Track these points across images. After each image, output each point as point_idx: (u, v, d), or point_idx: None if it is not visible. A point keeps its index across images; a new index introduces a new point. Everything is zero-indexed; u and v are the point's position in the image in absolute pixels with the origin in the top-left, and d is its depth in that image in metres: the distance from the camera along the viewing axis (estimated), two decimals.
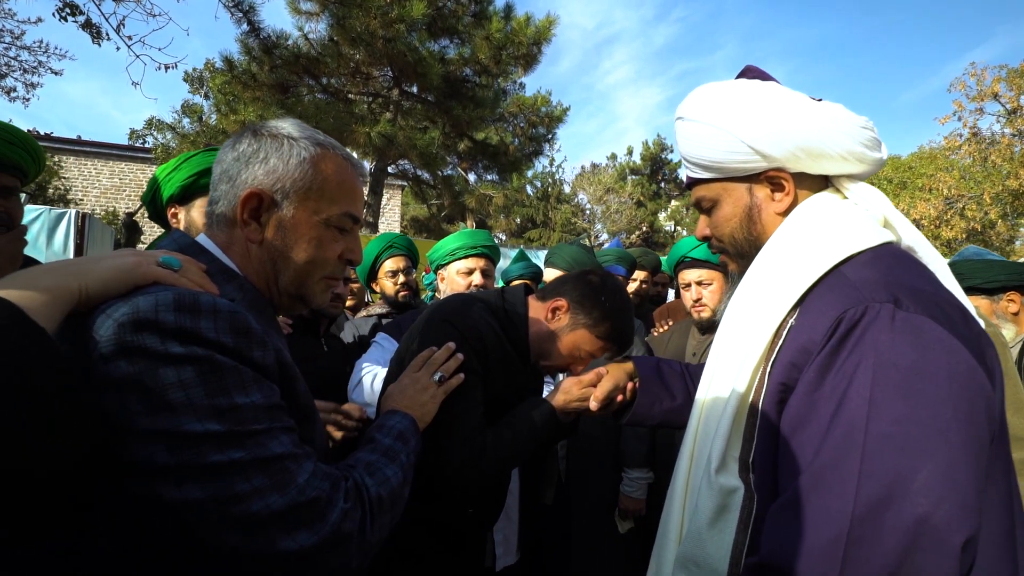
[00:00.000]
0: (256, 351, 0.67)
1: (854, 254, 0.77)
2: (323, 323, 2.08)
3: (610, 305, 1.34)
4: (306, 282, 0.82)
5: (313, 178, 0.79)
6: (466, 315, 1.30)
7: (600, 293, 1.35)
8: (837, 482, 0.62)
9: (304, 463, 0.68)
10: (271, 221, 0.79)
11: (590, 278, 1.39)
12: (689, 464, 0.87)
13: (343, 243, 0.84)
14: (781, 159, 0.84)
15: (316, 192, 0.80)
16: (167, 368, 0.59)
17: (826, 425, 0.65)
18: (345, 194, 0.83)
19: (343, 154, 0.84)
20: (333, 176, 0.81)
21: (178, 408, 0.59)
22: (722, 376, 0.85)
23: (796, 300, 0.78)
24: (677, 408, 1.24)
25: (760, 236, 0.90)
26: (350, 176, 0.84)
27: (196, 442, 0.60)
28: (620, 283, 1.42)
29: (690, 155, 0.93)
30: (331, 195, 0.81)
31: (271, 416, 0.66)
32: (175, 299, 0.62)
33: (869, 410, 0.61)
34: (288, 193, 0.79)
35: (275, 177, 0.78)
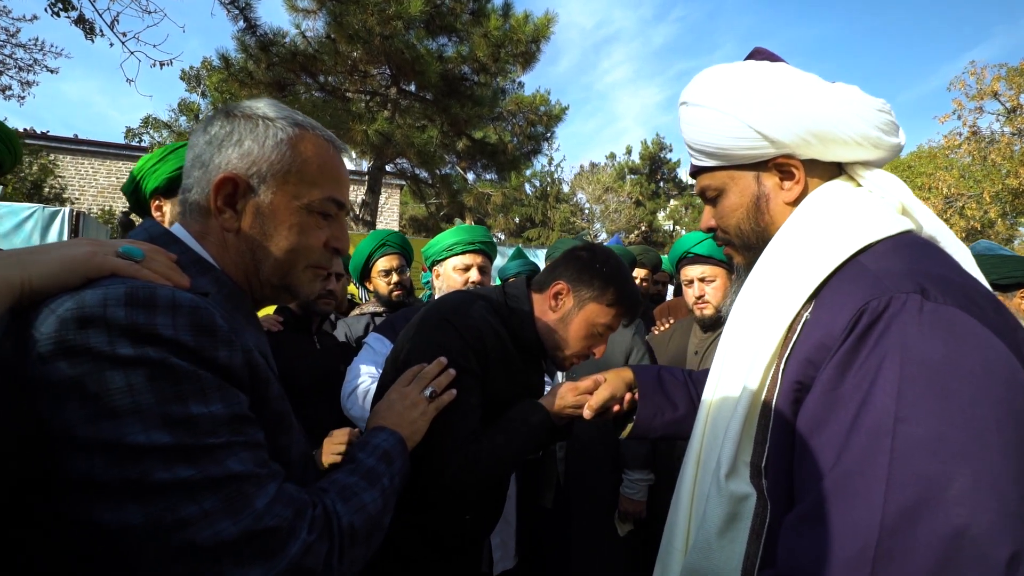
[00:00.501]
0: (221, 351, 0.60)
1: (873, 243, 0.72)
2: (315, 321, 2.03)
3: (607, 270, 1.31)
4: (290, 272, 0.77)
5: (292, 160, 0.74)
6: (466, 313, 1.25)
7: (594, 262, 1.32)
8: (863, 490, 0.56)
9: (266, 485, 0.60)
10: (248, 208, 0.73)
11: (579, 254, 1.35)
12: (695, 469, 0.81)
13: (328, 230, 0.79)
14: (790, 145, 0.79)
15: (295, 175, 0.74)
16: (114, 371, 0.53)
17: (847, 427, 0.60)
18: (328, 177, 0.77)
19: (324, 135, 0.78)
20: (314, 158, 0.76)
21: (123, 416, 0.52)
22: (731, 375, 0.80)
23: (811, 292, 0.73)
24: (680, 419, 1.19)
25: (768, 227, 0.86)
26: (332, 158, 0.78)
27: (139, 456, 0.52)
28: (608, 248, 1.39)
29: (694, 142, 0.88)
30: (312, 178, 0.75)
31: (232, 428, 0.59)
32: (127, 292, 0.56)
33: (897, 410, 0.56)
34: (265, 177, 0.73)
35: (250, 160, 0.72)
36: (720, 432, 0.76)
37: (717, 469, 0.73)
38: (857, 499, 0.57)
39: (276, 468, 0.64)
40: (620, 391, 1.26)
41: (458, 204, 11.09)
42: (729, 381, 0.80)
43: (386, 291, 2.46)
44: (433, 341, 1.20)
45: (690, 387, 1.26)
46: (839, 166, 0.85)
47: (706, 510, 0.72)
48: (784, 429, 0.68)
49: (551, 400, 1.29)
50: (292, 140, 0.74)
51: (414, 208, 18.75)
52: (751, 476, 0.70)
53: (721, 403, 0.80)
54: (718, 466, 0.73)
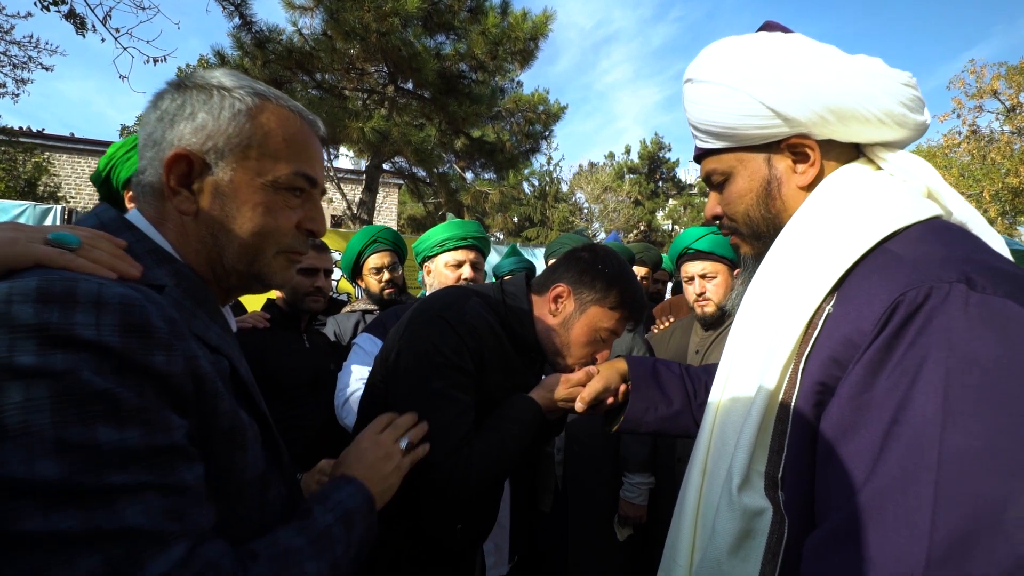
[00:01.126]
0: (156, 355, 0.51)
1: (900, 229, 0.65)
2: (304, 318, 1.96)
3: (610, 271, 1.23)
4: (258, 257, 0.70)
5: (252, 133, 0.67)
6: (460, 309, 1.18)
7: (596, 263, 1.24)
8: (903, 511, 0.49)
9: (171, 547, 0.48)
10: (205, 188, 0.66)
11: (580, 255, 1.28)
12: (701, 478, 0.74)
13: (301, 210, 0.72)
14: (805, 123, 0.72)
15: (257, 149, 0.67)
16: (12, 382, 0.43)
17: (881, 435, 0.53)
18: (295, 150, 0.70)
19: (290, 105, 0.71)
20: (277, 129, 0.69)
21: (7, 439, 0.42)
22: (742, 376, 0.73)
23: (833, 284, 0.65)
24: (673, 415, 1.12)
25: (780, 214, 0.79)
26: (300, 130, 0.71)
27: (13, 495, 0.42)
28: (611, 248, 1.31)
29: (700, 121, 0.81)
30: (276, 152, 0.68)
31: (148, 465, 0.48)
32: (39, 286, 0.47)
33: (944, 418, 0.49)
34: (223, 152, 0.66)
35: (205, 134, 0.65)
36: (730, 439, 0.69)
37: (728, 480, 0.65)
38: (897, 522, 0.49)
39: (197, 523, 0.51)
40: (614, 382, 1.20)
41: (456, 203, 11.01)
42: (740, 382, 0.73)
43: (378, 289, 2.39)
44: (425, 338, 1.14)
45: (686, 382, 1.19)
46: (857, 148, 0.78)
47: (715, 525, 0.65)
48: (804, 436, 0.61)
49: (542, 393, 1.22)
50: (252, 111, 0.67)
51: (412, 207, 18.67)
52: (766, 488, 0.63)
53: (731, 407, 0.73)
54: (729, 477, 0.65)
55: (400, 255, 2.50)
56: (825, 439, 0.59)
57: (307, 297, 1.91)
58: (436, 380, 1.11)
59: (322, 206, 0.75)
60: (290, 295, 1.93)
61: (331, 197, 17.14)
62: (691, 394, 1.15)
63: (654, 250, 3.57)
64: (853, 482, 0.54)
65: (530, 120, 11.09)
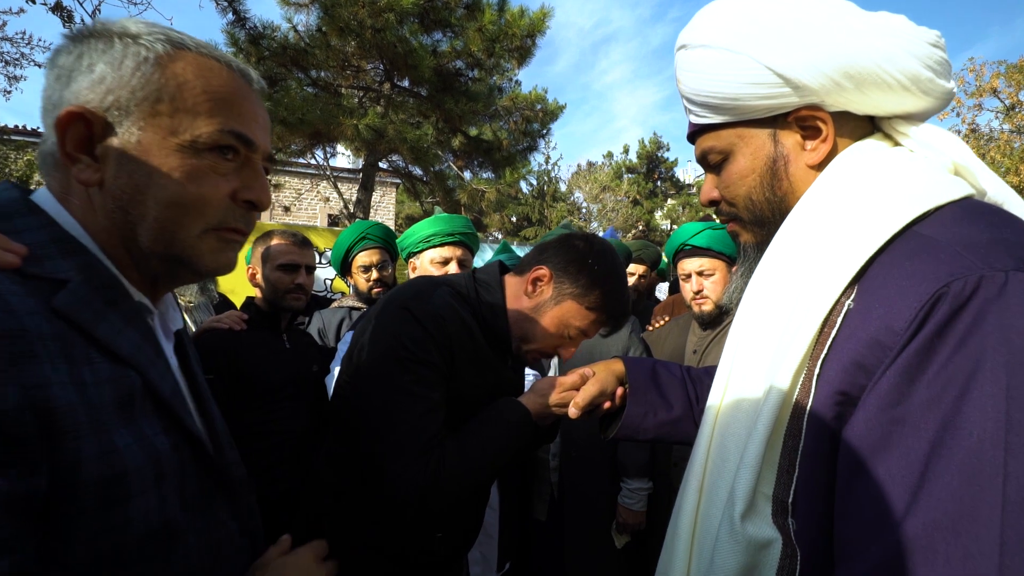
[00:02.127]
0: None
1: (930, 210, 0.56)
2: (284, 318, 1.87)
3: (599, 269, 1.13)
4: (178, 236, 0.58)
5: (162, 85, 0.56)
6: (426, 299, 1.08)
7: (587, 256, 1.14)
8: (960, 555, 0.40)
9: None
10: (110, 152, 0.56)
11: (574, 242, 1.17)
12: (697, 498, 0.65)
13: (235, 178, 0.60)
14: (817, 90, 0.63)
15: (169, 104, 0.57)
16: None
17: (922, 459, 0.44)
18: (220, 105, 0.59)
19: (215, 54, 0.61)
20: (195, 80, 0.58)
21: None
22: (745, 383, 0.63)
23: (854, 274, 0.56)
24: (674, 420, 1.03)
25: (787, 196, 0.70)
26: (226, 81, 0.60)
27: None
28: (609, 245, 1.20)
29: (695, 92, 0.72)
30: (194, 106, 0.58)
31: None
32: None
33: (1007, 438, 0.39)
34: (127, 109, 0.55)
35: (104, 89, 0.55)
36: (732, 456, 0.60)
37: (729, 505, 0.56)
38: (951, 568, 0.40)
39: None
40: (610, 386, 1.10)
41: (453, 202, 10.91)
42: (742, 390, 0.63)
43: (365, 288, 2.30)
44: (388, 331, 1.05)
45: (688, 385, 1.10)
46: (872, 122, 0.69)
47: (714, 559, 0.56)
48: (820, 454, 0.52)
49: (532, 398, 1.13)
50: (162, 59, 0.57)
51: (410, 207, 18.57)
52: (773, 514, 0.54)
53: (731, 418, 0.63)
54: (731, 501, 0.56)
55: (391, 252, 2.41)
56: (848, 459, 0.49)
57: (287, 295, 1.81)
58: (400, 376, 1.02)
59: (263, 174, 0.64)
60: (269, 292, 1.83)
61: (327, 196, 17.06)
62: (693, 398, 1.06)
63: (653, 248, 3.48)
64: (889, 514, 0.44)
65: (528, 118, 11.00)
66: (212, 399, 0.73)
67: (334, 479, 1.16)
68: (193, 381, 0.70)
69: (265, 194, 0.64)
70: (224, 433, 0.71)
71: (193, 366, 0.71)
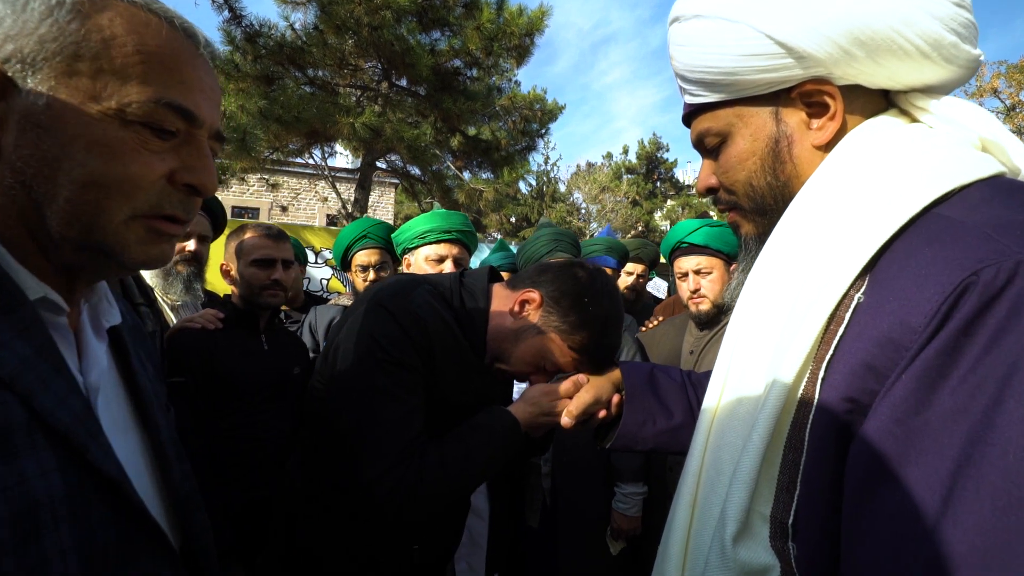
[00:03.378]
0: None
1: (954, 189, 0.49)
2: (263, 316, 1.79)
3: (594, 311, 1.05)
4: (98, 222, 0.48)
5: (83, 38, 0.46)
6: (405, 298, 1.02)
7: (585, 293, 1.05)
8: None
9: None
10: (10, 114, 0.46)
11: (576, 272, 1.09)
12: (689, 518, 0.58)
13: (172, 156, 0.51)
14: (824, 60, 0.56)
15: (91, 62, 0.46)
16: None
17: (947, 478, 0.37)
18: (157, 69, 0.49)
19: (150, 6, 0.50)
20: (125, 36, 0.47)
21: None
22: (741, 388, 0.56)
23: (864, 264, 0.49)
24: (673, 429, 0.96)
25: (791, 180, 0.63)
26: (165, 39, 0.50)
27: None
28: (613, 286, 1.12)
29: (689, 68, 0.65)
30: (123, 68, 0.47)
31: None
32: None
33: None
34: (34, 63, 0.46)
35: (2, 35, 0.45)
36: (725, 469, 0.53)
37: (720, 526, 0.49)
38: None
39: None
40: (606, 393, 1.04)
41: (451, 201, 10.85)
42: (738, 396, 0.56)
43: (362, 288, 2.24)
44: (364, 330, 0.98)
45: (689, 390, 1.03)
46: (886, 97, 0.62)
47: None
48: (825, 469, 0.45)
49: (522, 407, 1.06)
50: (82, 6, 0.46)
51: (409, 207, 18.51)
52: (771, 537, 0.47)
53: (726, 427, 0.56)
54: (721, 521, 0.49)
55: (393, 254, 2.34)
56: (858, 476, 0.42)
57: (263, 291, 1.73)
58: (376, 377, 0.96)
59: (209, 154, 0.54)
60: (244, 289, 1.75)
61: (326, 196, 16.98)
62: (694, 404, 0.99)
63: (651, 246, 3.42)
64: (908, 545, 0.38)
65: (527, 118, 10.95)
66: (162, 405, 0.65)
67: (306, 484, 1.10)
68: (134, 386, 0.61)
69: (210, 177, 0.54)
70: (171, 443, 0.63)
71: (135, 368, 0.62)
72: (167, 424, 0.64)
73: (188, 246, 1.83)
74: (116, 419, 0.56)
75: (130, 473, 0.50)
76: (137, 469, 0.56)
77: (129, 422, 0.59)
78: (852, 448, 0.44)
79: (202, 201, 0.58)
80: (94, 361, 0.54)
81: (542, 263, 1.17)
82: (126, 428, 0.58)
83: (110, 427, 0.52)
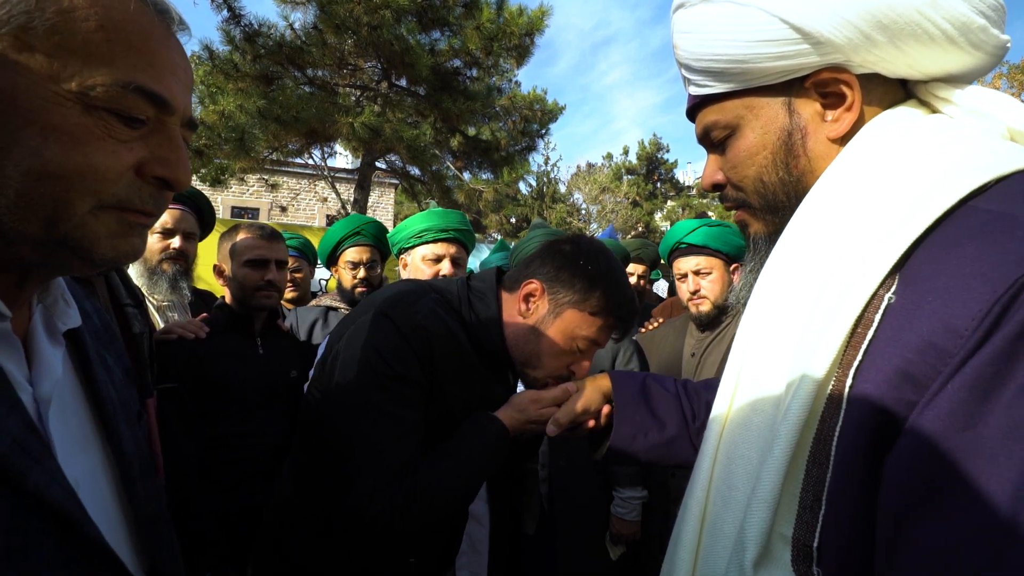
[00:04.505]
0: None
1: (991, 181, 0.45)
2: (258, 319, 1.75)
3: (594, 268, 1.02)
4: (62, 215, 0.43)
5: (39, 9, 0.41)
6: (409, 307, 0.98)
7: (577, 257, 1.03)
8: None
9: None
10: None
11: (560, 247, 1.06)
12: (697, 538, 0.54)
13: (140, 146, 0.46)
14: (843, 46, 0.53)
15: (47, 36, 0.41)
16: None
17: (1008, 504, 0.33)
18: (123, 47, 0.44)
19: None
20: (88, 9, 0.42)
21: None
22: (756, 397, 0.52)
23: (895, 261, 0.45)
24: (666, 442, 0.92)
25: (805, 176, 0.59)
26: (133, 14, 0.45)
27: None
28: (599, 243, 1.10)
29: (695, 56, 0.62)
30: (87, 46, 0.42)
31: None
32: None
33: None
34: None
35: None
36: (740, 485, 0.49)
37: (739, 550, 0.45)
38: None
39: None
40: (595, 403, 1.00)
41: (451, 202, 10.82)
42: (753, 406, 0.52)
43: (349, 285, 2.19)
44: (365, 341, 0.94)
45: (683, 401, 0.99)
46: (904, 88, 0.59)
47: None
48: (855, 487, 0.41)
49: (510, 413, 1.03)
50: None
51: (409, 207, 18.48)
52: (794, 561, 0.43)
53: (740, 439, 0.52)
54: (740, 544, 0.45)
55: (382, 253, 2.31)
56: (896, 497, 0.38)
57: (257, 293, 1.69)
58: (374, 393, 0.92)
59: (182, 144, 0.50)
60: (237, 291, 1.71)
61: (325, 196, 16.95)
62: (689, 416, 0.95)
63: (652, 247, 3.39)
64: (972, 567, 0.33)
65: (527, 119, 10.93)
66: (131, 415, 0.60)
67: (298, 493, 1.06)
68: (97, 396, 0.56)
69: (183, 170, 0.49)
70: (137, 458, 0.57)
71: (97, 375, 0.56)
72: (133, 437, 0.58)
73: (173, 243, 1.79)
74: (74, 434, 0.51)
75: (87, 494, 0.46)
76: (96, 489, 0.51)
77: (90, 436, 0.54)
78: (888, 465, 0.40)
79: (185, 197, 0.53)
80: (46, 370, 0.49)
81: (526, 257, 1.14)
82: (85, 444, 0.53)
83: (65, 444, 0.47)
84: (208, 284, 3.38)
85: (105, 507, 0.51)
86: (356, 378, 0.93)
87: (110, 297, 1.30)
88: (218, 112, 7.80)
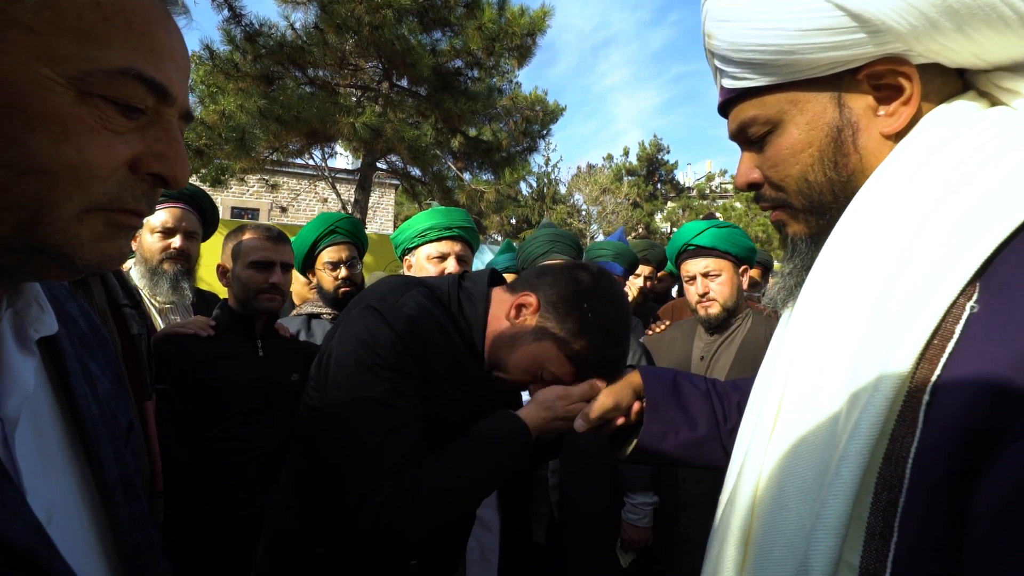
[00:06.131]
0: None
1: None
2: (259, 321, 1.71)
3: (594, 318, 0.96)
4: (42, 217, 0.38)
5: None
6: (398, 300, 0.95)
7: (585, 297, 0.97)
8: None
9: None
10: None
11: (578, 274, 1.00)
12: (741, 559, 0.50)
13: (137, 139, 0.42)
14: (904, 33, 0.49)
15: (38, 9, 0.36)
16: None
17: None
18: (122, 29, 0.39)
19: None
20: None
21: None
22: (810, 410, 0.48)
23: (977, 267, 0.41)
24: (697, 442, 0.89)
25: (855, 175, 0.55)
26: None
27: None
28: (619, 290, 1.03)
29: (735, 46, 0.58)
30: (85, 27, 0.38)
31: None
32: None
33: None
34: None
35: None
36: (795, 507, 0.44)
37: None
38: None
39: None
40: (626, 399, 0.96)
41: (452, 202, 10.80)
42: (807, 420, 0.47)
43: (332, 287, 2.08)
44: (355, 334, 0.91)
45: (714, 401, 0.95)
46: (961, 78, 0.55)
47: None
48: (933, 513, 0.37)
49: (534, 411, 0.98)
50: None
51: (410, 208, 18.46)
52: None
53: (790, 456, 0.48)
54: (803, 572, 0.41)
55: (360, 250, 2.24)
56: (988, 526, 0.34)
57: (260, 295, 1.65)
58: (368, 385, 0.88)
59: (180, 138, 0.45)
60: (240, 292, 1.67)
61: (326, 197, 16.91)
62: (720, 417, 0.91)
63: (659, 248, 3.36)
64: None
65: (528, 119, 10.91)
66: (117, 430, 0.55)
67: (296, 498, 1.03)
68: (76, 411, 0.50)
69: (182, 166, 0.44)
70: (120, 481, 0.52)
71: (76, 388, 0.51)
72: (118, 456, 0.53)
73: (174, 243, 1.74)
74: (47, 455, 0.46)
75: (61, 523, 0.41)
76: (72, 517, 0.46)
77: (66, 457, 0.48)
78: (978, 490, 0.36)
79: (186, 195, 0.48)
80: (14, 384, 0.43)
81: (545, 265, 1.09)
82: (61, 466, 0.47)
83: (36, 467, 0.42)
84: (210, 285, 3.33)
85: (83, 537, 0.46)
86: (348, 372, 0.90)
87: (107, 298, 1.26)
88: (218, 112, 7.76)
